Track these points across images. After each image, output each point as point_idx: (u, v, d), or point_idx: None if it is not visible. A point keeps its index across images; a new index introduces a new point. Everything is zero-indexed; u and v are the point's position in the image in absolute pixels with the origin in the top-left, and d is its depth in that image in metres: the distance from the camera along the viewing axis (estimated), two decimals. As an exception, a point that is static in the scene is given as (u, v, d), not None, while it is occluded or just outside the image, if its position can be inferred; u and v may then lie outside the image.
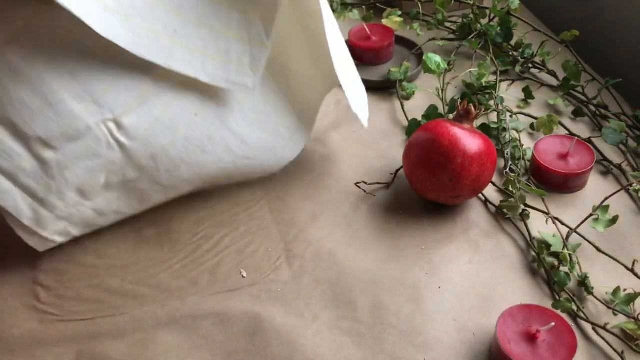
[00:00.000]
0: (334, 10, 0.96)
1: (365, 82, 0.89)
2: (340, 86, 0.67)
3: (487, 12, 0.95)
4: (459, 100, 0.82)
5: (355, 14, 0.98)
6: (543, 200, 0.70)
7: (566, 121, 0.83)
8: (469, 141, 0.66)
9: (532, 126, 0.82)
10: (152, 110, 0.60)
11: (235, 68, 0.62)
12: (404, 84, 0.88)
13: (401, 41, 0.97)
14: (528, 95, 0.86)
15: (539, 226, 0.69)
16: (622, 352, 0.57)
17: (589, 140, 0.78)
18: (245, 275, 0.65)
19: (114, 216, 0.66)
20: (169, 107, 0.61)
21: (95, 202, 0.63)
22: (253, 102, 0.67)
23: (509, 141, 0.77)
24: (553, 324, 0.55)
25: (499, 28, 0.92)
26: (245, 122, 0.67)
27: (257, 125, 0.68)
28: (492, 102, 0.83)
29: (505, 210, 0.70)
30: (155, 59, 0.58)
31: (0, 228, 0.63)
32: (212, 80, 0.61)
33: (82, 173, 0.60)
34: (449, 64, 0.89)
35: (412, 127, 0.80)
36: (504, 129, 0.78)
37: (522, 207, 0.69)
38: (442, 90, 0.84)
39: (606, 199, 0.66)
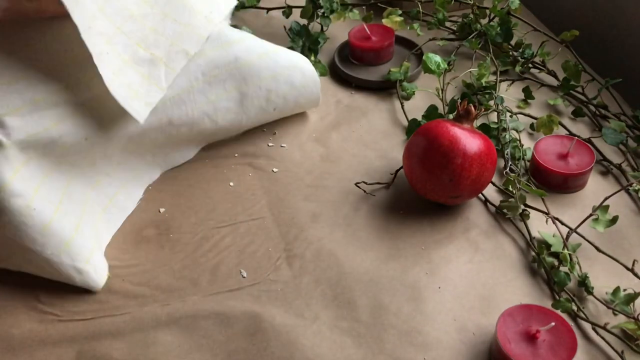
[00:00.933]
0: (334, 10, 0.96)
1: (365, 82, 0.90)
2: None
3: (487, 12, 0.95)
4: (459, 100, 0.82)
5: (355, 14, 0.98)
6: (543, 200, 0.70)
7: (566, 121, 0.83)
8: (469, 141, 0.66)
9: (532, 126, 0.82)
10: (42, 119, 0.60)
11: (132, 95, 0.65)
12: (404, 84, 0.88)
13: (401, 41, 0.97)
14: (528, 95, 0.86)
15: (539, 226, 0.69)
16: (622, 352, 0.57)
17: (588, 140, 0.78)
18: (245, 275, 0.65)
19: None
20: (61, 122, 0.62)
21: None
22: (127, 141, 0.70)
23: (509, 141, 0.76)
24: (553, 324, 0.55)
25: (499, 28, 0.92)
26: (119, 152, 0.69)
27: (123, 167, 0.72)
28: (492, 102, 0.83)
29: (505, 210, 0.70)
30: (79, 24, 0.60)
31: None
32: (113, 91, 0.63)
33: None
34: (449, 64, 0.89)
35: (412, 127, 0.80)
36: (504, 129, 0.78)
37: (522, 207, 0.69)
38: (442, 90, 0.84)
39: (606, 199, 0.67)
